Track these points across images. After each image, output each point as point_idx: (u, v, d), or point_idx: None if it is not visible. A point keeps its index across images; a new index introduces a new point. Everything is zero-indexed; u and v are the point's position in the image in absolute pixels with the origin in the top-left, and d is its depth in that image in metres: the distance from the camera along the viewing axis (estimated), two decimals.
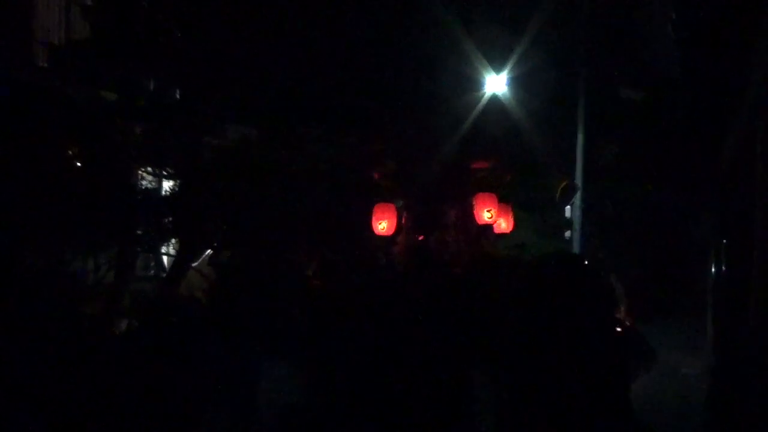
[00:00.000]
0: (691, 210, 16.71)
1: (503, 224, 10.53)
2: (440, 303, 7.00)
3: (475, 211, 10.18)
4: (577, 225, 16.53)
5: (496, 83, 14.82)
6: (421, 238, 10.54)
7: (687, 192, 16.26)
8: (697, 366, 11.25)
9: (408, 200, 10.58)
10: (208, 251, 10.53)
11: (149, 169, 10.82)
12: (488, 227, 10.37)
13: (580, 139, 17.30)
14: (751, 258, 6.84)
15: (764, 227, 4.93)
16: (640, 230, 17.90)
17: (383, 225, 10.10)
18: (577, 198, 16.26)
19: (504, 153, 10.63)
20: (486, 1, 12.29)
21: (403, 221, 10.46)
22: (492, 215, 10.12)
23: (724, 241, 9.64)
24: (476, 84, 14.09)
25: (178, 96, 11.41)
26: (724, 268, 9.77)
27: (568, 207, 16.63)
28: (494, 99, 14.70)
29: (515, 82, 15.17)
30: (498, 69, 14.73)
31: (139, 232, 10.10)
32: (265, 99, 11.01)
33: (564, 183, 15.59)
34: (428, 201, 10.57)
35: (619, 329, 2.39)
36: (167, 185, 11.23)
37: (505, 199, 11.05)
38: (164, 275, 10.82)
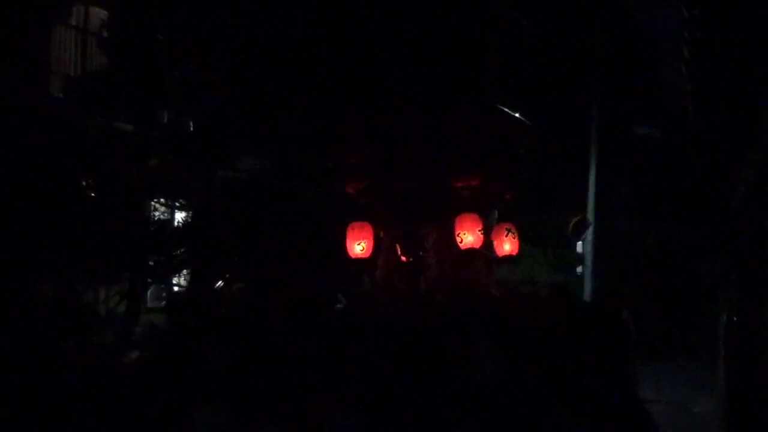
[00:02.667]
0: (702, 247, 16.63)
1: (507, 246, 9.30)
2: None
3: (454, 235, 9.11)
4: (588, 260, 16.47)
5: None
6: (404, 260, 9.78)
7: (698, 229, 16.20)
8: (708, 404, 11.09)
9: (387, 218, 9.85)
10: (220, 282, 10.52)
11: (162, 200, 10.85)
12: (474, 253, 9.17)
13: (592, 175, 17.31)
14: (763, 298, 6.78)
15: None
16: (651, 266, 17.84)
17: (362, 246, 9.17)
18: (590, 233, 16.20)
19: (499, 168, 9.81)
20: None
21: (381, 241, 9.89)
22: (463, 239, 8.99)
23: (735, 279, 9.55)
24: None
25: (191, 128, 11.47)
26: (735, 305, 9.67)
27: (580, 242, 16.56)
28: None
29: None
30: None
31: (150, 263, 10.11)
32: (278, 131, 11.01)
33: (577, 218, 15.54)
34: (406, 220, 9.79)
35: None
36: (180, 216, 11.27)
37: (506, 219, 10.09)
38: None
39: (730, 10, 3.27)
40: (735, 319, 9.47)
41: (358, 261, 9.05)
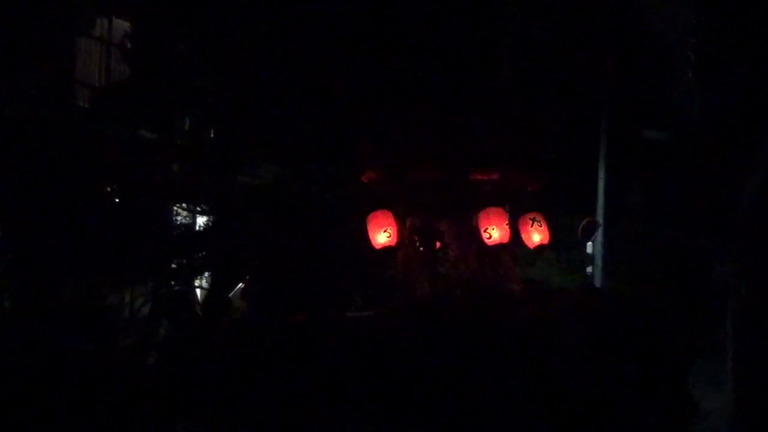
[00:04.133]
0: (712, 250, 16.60)
1: (536, 237, 9.05)
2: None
3: (482, 230, 8.85)
4: (598, 261, 16.51)
5: None
6: (422, 249, 8.92)
7: (708, 233, 16.18)
8: (717, 401, 11.09)
9: (405, 209, 9.17)
10: (240, 284, 10.55)
11: (184, 205, 10.87)
12: (503, 247, 8.91)
13: (601, 178, 17.36)
14: None
15: None
16: (661, 268, 17.81)
17: (387, 233, 8.84)
18: (599, 234, 16.26)
19: (521, 160, 9.37)
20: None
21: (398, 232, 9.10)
22: (491, 235, 8.73)
23: (743, 281, 9.55)
24: None
25: (212, 135, 11.51)
26: (743, 307, 9.66)
27: (590, 243, 16.61)
28: None
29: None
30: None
31: (173, 266, 10.11)
32: (297, 138, 11.02)
33: (586, 220, 15.59)
34: (426, 212, 9.10)
35: None
36: (201, 221, 11.29)
37: (532, 209, 9.44)
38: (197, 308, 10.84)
39: (734, 18, 3.35)
40: (743, 320, 9.48)
41: (385, 250, 8.80)
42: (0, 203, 8.69)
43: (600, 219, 16.66)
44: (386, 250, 8.78)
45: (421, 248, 8.70)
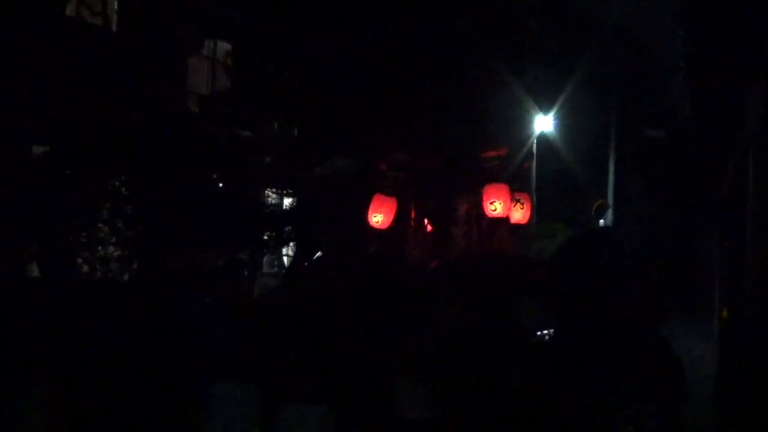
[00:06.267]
0: (700, 228, 16.34)
1: (517, 215, 7.98)
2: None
3: (483, 204, 7.85)
4: None
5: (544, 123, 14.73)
6: (429, 230, 8.03)
7: (697, 214, 15.91)
8: (706, 349, 10.98)
9: (417, 192, 8.32)
10: (318, 253, 10.57)
11: (274, 189, 10.95)
12: (501, 221, 7.92)
13: (611, 169, 17.21)
14: (745, 267, 6.73)
15: (754, 241, 4.92)
16: (659, 243, 17.59)
17: (378, 218, 7.95)
18: (609, 213, 16.11)
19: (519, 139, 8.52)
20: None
21: (413, 215, 8.19)
22: (497, 208, 7.71)
23: (726, 253, 9.43)
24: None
25: (295, 134, 11.55)
26: (726, 274, 9.55)
27: (602, 221, 16.45)
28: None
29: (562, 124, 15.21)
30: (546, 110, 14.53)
31: (265, 238, 10.23)
32: (360, 135, 10.98)
33: (598, 202, 15.45)
34: (436, 193, 8.21)
35: None
36: (287, 202, 11.36)
37: (521, 189, 8.44)
38: (284, 272, 10.90)
39: (718, 30, 3.36)
40: (725, 284, 9.38)
41: (374, 231, 7.89)
42: (129, 189, 8.79)
43: (609, 201, 16.52)
44: (377, 231, 7.91)
45: (429, 228, 8.13)
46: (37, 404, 4.17)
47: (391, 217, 7.99)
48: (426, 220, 8.26)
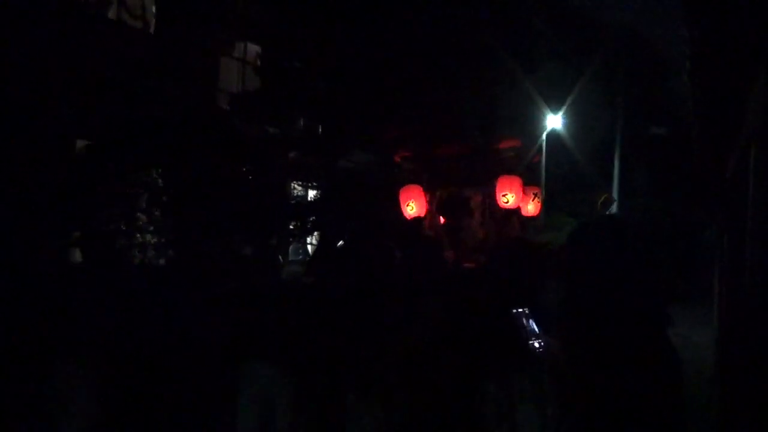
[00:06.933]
0: (701, 220, 16.22)
1: (530, 207, 7.75)
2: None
3: (495, 196, 7.59)
4: None
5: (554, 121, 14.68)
6: (443, 221, 7.67)
7: (698, 207, 15.79)
8: (705, 335, 10.89)
9: (431, 183, 7.94)
10: (341, 242, 10.58)
11: (299, 182, 10.96)
12: (514, 212, 7.61)
13: (616, 164, 17.09)
14: (743, 258, 6.65)
15: (753, 231, 4.88)
16: (662, 234, 17.49)
17: (412, 206, 7.57)
18: (614, 207, 16.01)
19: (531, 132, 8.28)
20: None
21: (427, 204, 7.77)
22: (509, 200, 7.46)
23: (724, 244, 9.32)
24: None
25: (320, 130, 11.56)
26: (724, 263, 9.44)
27: (607, 214, 16.36)
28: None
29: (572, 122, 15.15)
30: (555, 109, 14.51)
31: (291, 227, 10.25)
32: (382, 132, 10.97)
33: (604, 196, 15.33)
34: (451, 184, 7.84)
35: None
36: (311, 193, 11.36)
37: (531, 182, 8.16)
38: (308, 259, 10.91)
39: (721, 32, 3.31)
40: (724, 272, 9.27)
41: (414, 219, 7.55)
42: (165, 180, 8.84)
43: (615, 195, 16.39)
44: (415, 220, 7.57)
45: (444, 219, 7.73)
46: (80, 384, 4.19)
47: (424, 204, 7.68)
48: (439, 211, 8.09)
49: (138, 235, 8.52)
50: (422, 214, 7.62)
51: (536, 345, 3.09)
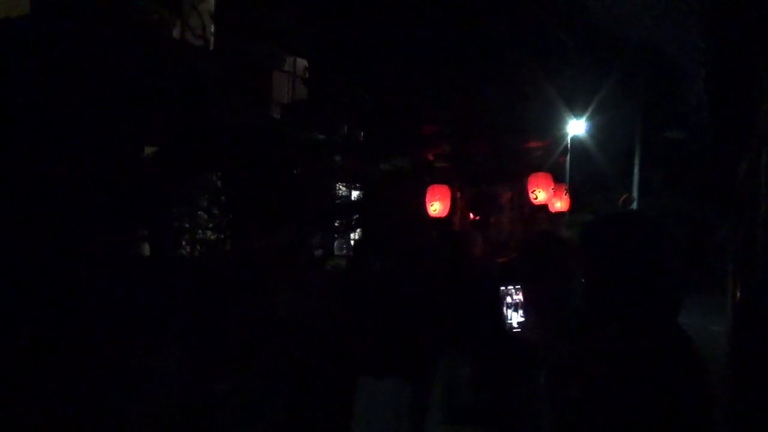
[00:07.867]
0: (716, 218, 15.91)
1: (558, 204, 7.57)
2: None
3: (526, 192, 7.40)
4: None
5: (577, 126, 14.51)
6: (473, 218, 7.55)
7: (713, 206, 15.50)
8: (721, 325, 10.67)
9: (462, 181, 7.79)
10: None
11: (343, 184, 10.99)
12: (542, 208, 7.39)
13: (636, 165, 16.85)
14: (755, 254, 6.53)
15: (764, 230, 4.79)
16: (681, 229, 17.21)
17: (435, 207, 7.42)
18: (634, 205, 15.78)
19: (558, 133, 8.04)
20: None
21: (458, 202, 7.55)
22: (538, 196, 7.22)
23: (738, 241, 9.12)
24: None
25: (362, 136, 11.58)
26: (737, 259, 9.23)
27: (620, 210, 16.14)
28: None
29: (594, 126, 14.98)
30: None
31: (336, 224, 10.29)
32: (418, 132, 10.90)
33: (624, 195, 15.13)
34: (482, 181, 7.72)
35: None
36: (355, 194, 11.38)
37: (559, 179, 7.90)
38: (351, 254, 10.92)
39: (735, 43, 3.27)
40: (737, 267, 9.07)
41: (434, 220, 7.31)
42: (224, 182, 8.93)
43: (635, 194, 16.16)
44: (437, 220, 7.32)
45: (473, 216, 7.77)
46: (171, 364, 4.23)
47: (448, 205, 7.53)
48: (469, 208, 7.99)
49: (199, 232, 8.64)
50: (444, 215, 7.44)
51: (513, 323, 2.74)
